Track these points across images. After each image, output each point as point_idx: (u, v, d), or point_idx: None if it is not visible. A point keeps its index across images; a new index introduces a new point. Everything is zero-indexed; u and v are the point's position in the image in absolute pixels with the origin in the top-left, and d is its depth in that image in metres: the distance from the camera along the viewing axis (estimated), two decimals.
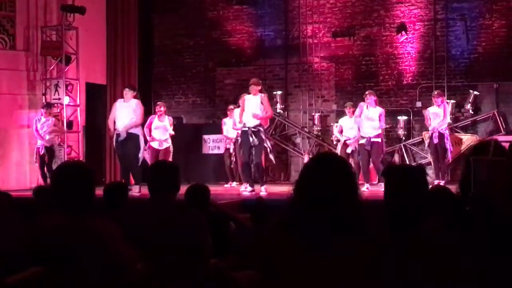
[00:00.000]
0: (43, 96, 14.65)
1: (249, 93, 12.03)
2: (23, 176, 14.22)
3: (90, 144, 15.12)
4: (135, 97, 12.49)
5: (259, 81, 12.32)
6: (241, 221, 6.41)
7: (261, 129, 11.74)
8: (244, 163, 12.03)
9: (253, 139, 11.63)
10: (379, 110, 12.56)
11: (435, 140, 12.60)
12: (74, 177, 3.51)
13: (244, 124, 11.86)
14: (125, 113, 12.23)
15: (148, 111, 13.37)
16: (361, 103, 12.56)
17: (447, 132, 12.74)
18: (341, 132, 13.57)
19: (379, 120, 12.43)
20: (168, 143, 12.92)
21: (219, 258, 4.79)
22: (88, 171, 3.64)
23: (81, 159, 14.21)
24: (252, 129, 11.67)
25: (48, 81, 14.67)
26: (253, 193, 11.53)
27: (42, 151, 13.21)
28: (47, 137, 13.15)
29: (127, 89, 12.66)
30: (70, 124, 14.50)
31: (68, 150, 14.39)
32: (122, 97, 12.75)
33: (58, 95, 14.52)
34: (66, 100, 14.51)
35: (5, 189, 11.39)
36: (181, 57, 17.25)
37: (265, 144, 11.84)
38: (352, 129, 13.18)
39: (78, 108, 14.73)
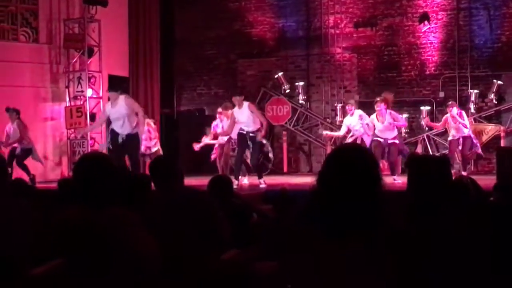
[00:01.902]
0: (66, 89, 14.76)
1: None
2: (47, 168, 14.33)
3: None
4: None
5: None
6: (264, 213, 6.41)
7: (258, 133, 11.67)
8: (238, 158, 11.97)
9: (249, 143, 11.68)
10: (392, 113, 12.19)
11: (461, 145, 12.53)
12: (95, 169, 3.51)
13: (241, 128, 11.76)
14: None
15: (170, 103, 13.37)
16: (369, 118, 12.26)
17: (470, 132, 12.61)
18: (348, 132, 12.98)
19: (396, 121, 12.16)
20: (157, 147, 13.12)
21: (242, 249, 4.80)
22: (110, 163, 3.64)
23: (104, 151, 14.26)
24: (250, 134, 11.64)
25: (71, 73, 14.78)
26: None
27: (17, 150, 13.05)
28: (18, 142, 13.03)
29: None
30: (93, 116, 14.59)
31: (92, 142, 14.49)
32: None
33: (81, 87, 14.61)
34: (89, 92, 14.62)
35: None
36: (202, 49, 17.25)
37: (264, 149, 11.67)
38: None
39: (101, 100, 14.79)
